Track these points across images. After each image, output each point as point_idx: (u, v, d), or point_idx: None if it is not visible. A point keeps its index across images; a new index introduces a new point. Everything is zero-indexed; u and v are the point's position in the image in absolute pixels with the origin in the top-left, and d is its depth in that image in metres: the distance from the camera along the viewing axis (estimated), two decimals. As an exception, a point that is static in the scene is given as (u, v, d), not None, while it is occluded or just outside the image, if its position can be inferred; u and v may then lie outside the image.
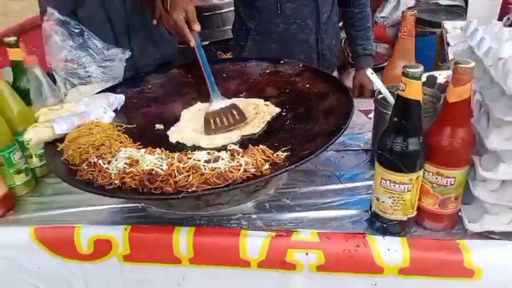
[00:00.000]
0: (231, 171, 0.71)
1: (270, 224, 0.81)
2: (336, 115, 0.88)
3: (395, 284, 0.76)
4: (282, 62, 1.14)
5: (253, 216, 0.84)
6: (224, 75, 1.15)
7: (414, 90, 0.64)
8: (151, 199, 0.76)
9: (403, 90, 0.65)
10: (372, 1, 1.62)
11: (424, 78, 0.94)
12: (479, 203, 0.74)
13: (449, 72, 0.97)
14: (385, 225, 0.77)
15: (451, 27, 1.66)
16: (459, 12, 2.31)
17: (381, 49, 2.38)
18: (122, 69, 1.23)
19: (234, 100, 1.06)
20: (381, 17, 2.62)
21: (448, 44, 1.54)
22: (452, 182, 0.72)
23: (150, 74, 1.20)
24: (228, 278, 0.81)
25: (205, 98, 1.09)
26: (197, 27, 1.09)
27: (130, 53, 1.26)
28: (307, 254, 0.76)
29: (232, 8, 2.38)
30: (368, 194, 0.86)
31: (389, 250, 0.75)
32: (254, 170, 0.72)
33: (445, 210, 0.75)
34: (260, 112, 0.97)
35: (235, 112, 1.00)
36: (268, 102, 1.03)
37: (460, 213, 0.78)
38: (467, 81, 0.63)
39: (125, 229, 0.82)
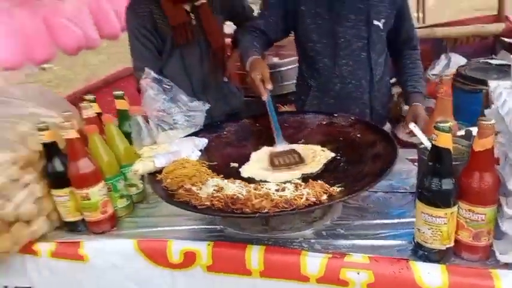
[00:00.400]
0: (295, 199, 0.90)
1: (327, 248, 0.98)
2: (382, 160, 1.05)
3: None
4: (336, 115, 1.34)
5: (312, 240, 1.01)
6: (286, 124, 1.37)
7: (443, 140, 0.81)
8: (234, 217, 0.95)
9: (435, 140, 0.82)
10: (424, 59, 1.74)
11: (462, 132, 1.11)
12: (508, 238, 0.87)
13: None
14: (426, 253, 0.91)
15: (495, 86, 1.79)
16: (508, 71, 2.41)
17: (432, 104, 2.51)
18: (203, 118, 1.49)
19: (294, 146, 1.27)
20: (433, 75, 2.78)
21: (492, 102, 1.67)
22: (483, 218, 0.86)
23: (225, 122, 1.45)
24: (290, 291, 0.97)
25: (271, 143, 1.30)
26: (270, 86, 1.33)
27: (209, 106, 1.52)
28: (358, 274, 0.91)
29: (290, 66, 2.67)
30: (412, 229, 1.01)
31: (430, 274, 0.89)
32: (314, 199, 0.90)
33: (479, 242, 0.89)
34: (317, 156, 1.16)
35: (295, 155, 1.20)
36: (324, 148, 1.22)
37: (492, 247, 0.90)
38: (489, 134, 0.79)
39: (208, 244, 1.02)
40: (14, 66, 2.38)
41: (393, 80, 1.86)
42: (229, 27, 2.28)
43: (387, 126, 1.83)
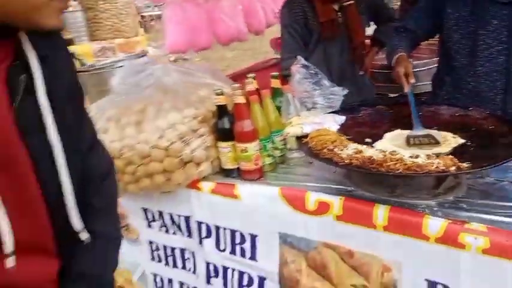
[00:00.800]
0: (426, 165, 1.05)
1: (447, 215, 1.11)
2: (513, 149, 1.13)
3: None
4: (470, 108, 1.43)
5: (435, 209, 1.14)
6: (420, 113, 1.50)
7: None
8: (372, 173, 1.12)
9: None
10: None
11: None
12: None
13: None
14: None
15: None
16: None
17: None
18: (340, 102, 1.70)
19: (429, 131, 1.39)
20: None
21: None
22: None
23: (361, 106, 1.63)
24: (411, 247, 1.12)
25: (403, 127, 1.44)
26: (412, 80, 1.50)
27: (347, 91, 1.72)
28: (475, 238, 1.02)
29: (424, 68, 2.72)
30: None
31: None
32: (444, 167, 1.04)
33: None
34: (448, 140, 1.28)
35: (431, 137, 1.33)
36: (456, 135, 1.32)
37: None
38: None
39: (340, 198, 1.23)
40: (181, 50, 2.88)
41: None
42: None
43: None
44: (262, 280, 1.43)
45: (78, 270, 0.82)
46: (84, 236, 0.80)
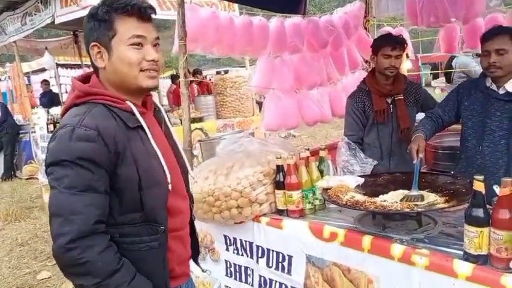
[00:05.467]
0: (389, 206, 1.60)
1: (409, 244, 1.60)
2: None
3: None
4: (458, 178, 1.90)
5: (404, 239, 1.64)
6: (423, 180, 2.00)
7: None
8: (354, 208, 1.70)
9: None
10: None
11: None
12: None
13: None
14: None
15: None
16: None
17: None
18: (370, 169, 2.27)
19: (423, 192, 1.89)
20: None
21: None
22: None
23: (384, 173, 2.19)
24: (384, 265, 1.63)
25: (408, 188, 1.96)
26: (421, 155, 2.05)
27: (376, 162, 2.28)
28: (421, 258, 1.51)
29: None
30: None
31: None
32: (398, 208, 1.57)
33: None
34: (430, 196, 1.78)
35: (419, 196, 1.83)
36: (436, 195, 1.81)
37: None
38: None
39: (344, 230, 1.79)
40: (273, 129, 3.72)
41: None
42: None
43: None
44: (293, 290, 2.01)
45: None
46: None
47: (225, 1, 5.22)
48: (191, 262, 1.61)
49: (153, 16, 1.37)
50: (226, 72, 12.61)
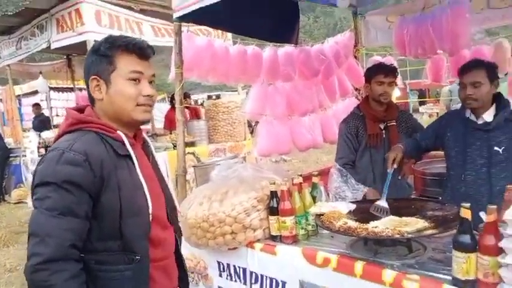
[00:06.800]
0: (380, 232, 1.65)
1: (400, 270, 1.64)
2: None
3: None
4: (446, 204, 1.97)
5: (395, 265, 1.68)
6: (412, 206, 2.06)
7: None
8: (346, 234, 1.74)
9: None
10: None
11: None
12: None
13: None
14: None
15: None
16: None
17: None
18: (361, 195, 2.33)
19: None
20: None
21: None
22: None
23: (376, 200, 2.25)
24: None
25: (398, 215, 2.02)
26: (395, 165, 2.14)
27: (367, 188, 2.35)
28: (412, 283, 1.55)
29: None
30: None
31: (454, 294, 1.45)
32: (389, 234, 1.63)
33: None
34: (418, 222, 1.84)
35: (386, 209, 1.89)
36: (424, 221, 1.87)
37: None
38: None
39: (337, 256, 1.83)
40: (265, 154, 3.78)
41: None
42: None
43: None
44: (287, 315, 2.02)
45: None
46: None
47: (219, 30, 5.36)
48: None
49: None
50: (218, 96, 12.77)
